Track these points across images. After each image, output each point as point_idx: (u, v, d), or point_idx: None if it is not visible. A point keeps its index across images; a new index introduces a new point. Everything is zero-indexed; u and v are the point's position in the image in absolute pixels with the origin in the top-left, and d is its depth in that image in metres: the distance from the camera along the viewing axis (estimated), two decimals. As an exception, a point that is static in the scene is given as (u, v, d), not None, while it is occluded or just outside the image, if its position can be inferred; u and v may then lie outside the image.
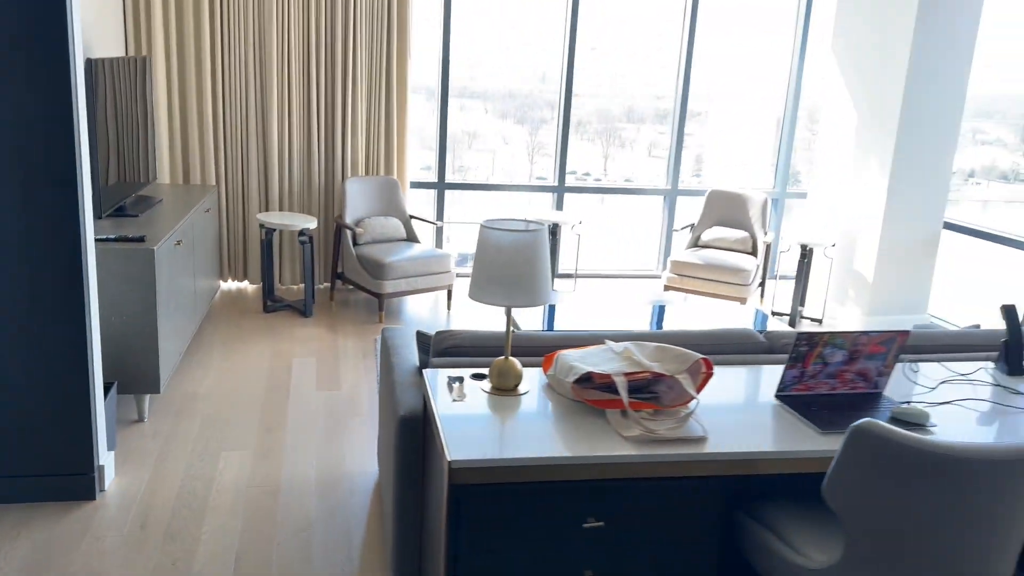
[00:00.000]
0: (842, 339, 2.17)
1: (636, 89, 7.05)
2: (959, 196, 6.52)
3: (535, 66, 6.68)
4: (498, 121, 6.96)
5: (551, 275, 6.13)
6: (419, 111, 6.29)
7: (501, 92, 6.92)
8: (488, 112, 6.91)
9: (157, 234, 3.70)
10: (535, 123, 6.76)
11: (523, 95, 6.87)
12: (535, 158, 6.79)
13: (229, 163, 5.56)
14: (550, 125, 6.58)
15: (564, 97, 6.31)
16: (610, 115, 7.03)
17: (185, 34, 5.24)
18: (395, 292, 5.22)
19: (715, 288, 5.59)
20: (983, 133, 6.50)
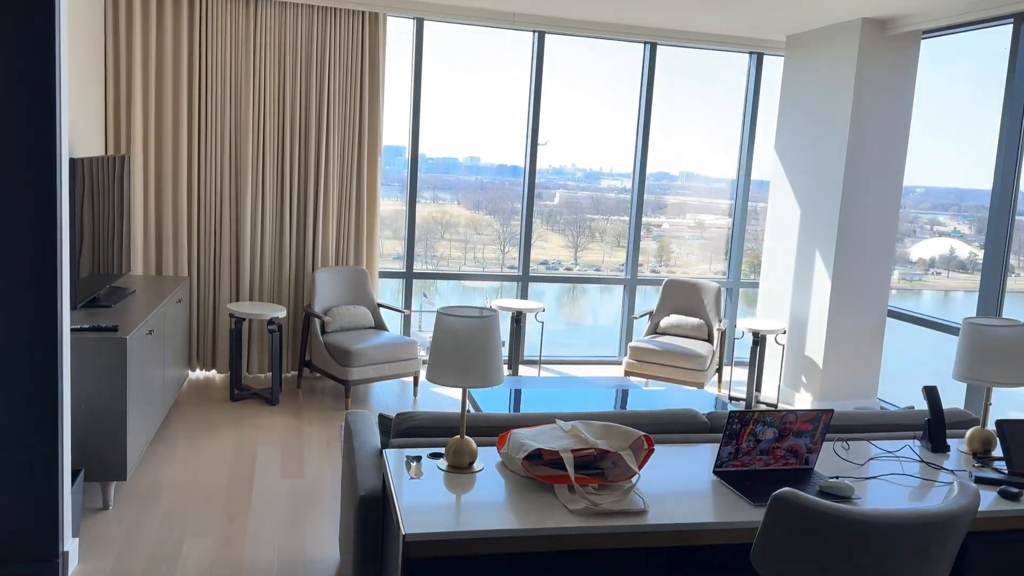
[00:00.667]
0: (771, 417, 2.35)
1: (604, 182, 7.42)
2: (922, 285, 6.85)
3: (505, 158, 7.01)
4: (470, 212, 7.23)
5: (517, 360, 6.31)
6: (391, 203, 6.57)
7: (473, 184, 7.22)
8: (460, 203, 7.19)
9: (129, 324, 3.82)
10: (507, 214, 7.02)
11: (494, 187, 7.18)
12: (506, 248, 7.03)
13: (202, 254, 5.73)
14: (520, 217, 6.87)
15: (527, 189, 6.63)
16: (579, 206, 7.35)
17: (163, 132, 5.49)
18: (362, 379, 5.34)
19: (673, 373, 5.79)
20: (940, 225, 6.86)
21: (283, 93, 5.70)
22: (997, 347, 2.65)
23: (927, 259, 6.88)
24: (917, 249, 6.72)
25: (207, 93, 5.56)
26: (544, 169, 6.80)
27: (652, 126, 6.76)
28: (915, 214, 6.69)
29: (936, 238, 6.78)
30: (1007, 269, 4.98)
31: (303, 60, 5.70)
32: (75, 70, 4.65)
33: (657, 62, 6.67)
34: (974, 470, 2.60)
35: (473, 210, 7.24)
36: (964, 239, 6.79)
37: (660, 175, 7.23)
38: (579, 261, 7.31)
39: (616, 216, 7.37)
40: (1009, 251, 4.95)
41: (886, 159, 5.66)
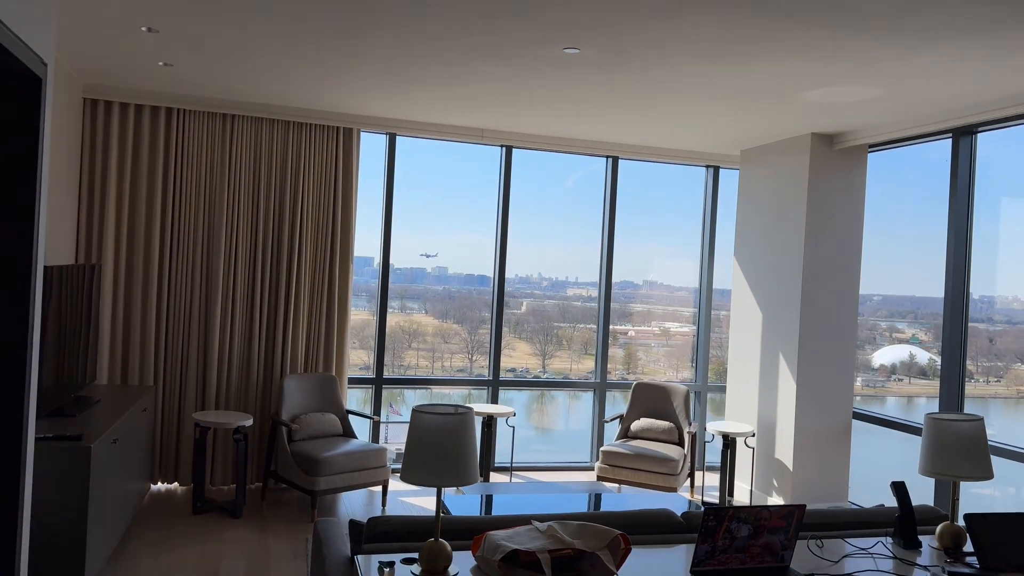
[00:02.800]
0: (746, 513, 2.36)
1: (570, 291, 7.57)
2: (885, 391, 6.98)
3: (472, 267, 7.15)
4: (438, 321, 7.29)
5: (488, 466, 6.24)
6: (358, 313, 6.61)
7: (440, 294, 7.31)
8: (428, 312, 7.25)
9: (94, 433, 3.75)
10: (474, 323, 7.08)
11: (462, 296, 7.27)
12: (475, 356, 7.06)
13: (169, 363, 5.68)
14: (489, 325, 6.95)
15: (497, 296, 6.73)
16: (546, 315, 7.45)
17: (136, 242, 5.54)
18: (329, 488, 5.22)
19: (645, 478, 5.75)
20: (899, 332, 7.05)
21: (256, 204, 5.83)
22: (959, 441, 2.72)
23: (888, 365, 7.04)
24: (878, 356, 6.88)
25: (181, 203, 5.66)
26: (511, 278, 6.92)
27: (616, 236, 6.98)
28: (874, 321, 6.88)
29: (896, 345, 6.96)
30: (964, 374, 5.12)
31: (277, 172, 5.86)
32: (51, 180, 4.73)
33: (620, 175, 6.95)
34: (947, 566, 2.62)
35: (441, 319, 7.29)
36: (923, 345, 6.99)
37: (625, 283, 7.40)
38: (547, 369, 7.36)
39: (583, 324, 7.48)
40: (965, 357, 5.12)
41: (841, 265, 5.89)
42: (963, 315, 5.08)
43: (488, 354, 6.80)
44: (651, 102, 5.11)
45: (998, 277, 5.40)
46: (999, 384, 6.38)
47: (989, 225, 5.20)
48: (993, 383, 8.70)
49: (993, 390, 8.67)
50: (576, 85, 4.76)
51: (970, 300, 5.13)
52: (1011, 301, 5.72)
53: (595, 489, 5.09)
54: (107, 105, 5.49)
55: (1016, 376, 6.22)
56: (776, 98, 4.83)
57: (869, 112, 5.07)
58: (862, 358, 6.80)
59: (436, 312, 6.70)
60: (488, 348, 6.80)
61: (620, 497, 4.90)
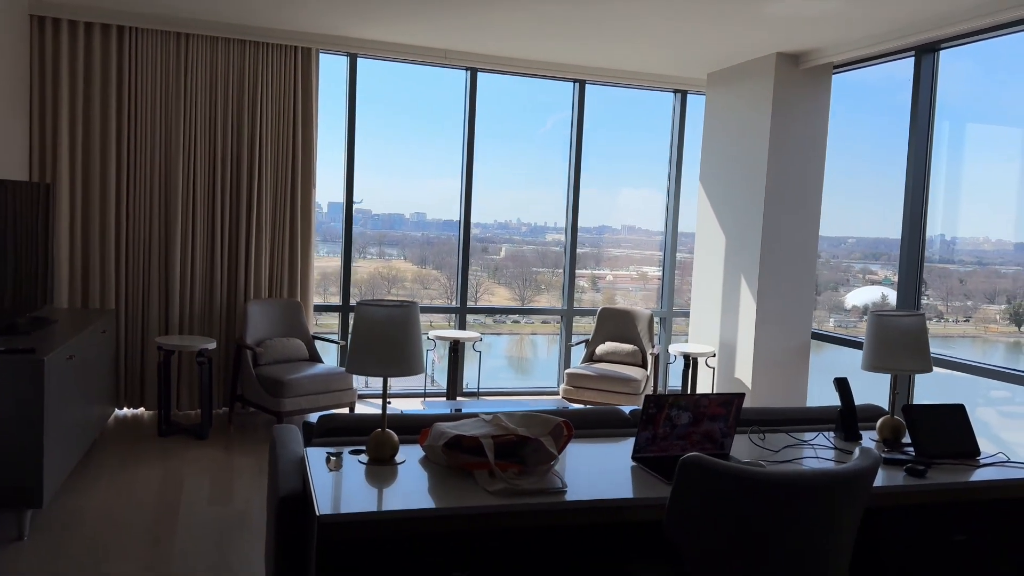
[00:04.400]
0: (685, 401, 2.42)
1: (549, 236, 7.55)
2: (857, 332, 7.11)
3: (451, 213, 7.11)
4: (417, 267, 7.25)
5: (456, 390, 6.30)
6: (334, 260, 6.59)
7: (419, 240, 7.28)
8: (407, 258, 7.22)
9: (48, 347, 3.73)
10: (454, 269, 7.07)
11: (440, 242, 7.24)
12: (453, 301, 7.04)
13: (130, 287, 5.62)
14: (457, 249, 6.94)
15: (463, 226, 6.70)
16: (525, 260, 7.43)
17: (91, 162, 5.43)
18: (295, 410, 5.26)
19: (608, 398, 5.85)
20: (872, 274, 7.14)
21: (214, 125, 5.71)
22: (901, 336, 2.79)
23: (860, 306, 7.15)
24: (851, 297, 6.97)
25: (137, 124, 5.54)
26: (489, 223, 6.88)
27: (593, 180, 6.93)
28: (848, 263, 6.96)
29: (868, 286, 7.05)
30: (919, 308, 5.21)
31: (234, 94, 5.73)
32: (-2, 97, 4.60)
33: (587, 107, 6.88)
34: (884, 454, 2.71)
35: (419, 265, 7.28)
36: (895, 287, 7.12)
37: (602, 228, 7.40)
38: (521, 316, 7.40)
39: (561, 269, 7.52)
40: (920, 286, 5.20)
41: (804, 187, 5.92)
42: (920, 248, 5.15)
43: (455, 284, 6.81)
44: (615, 20, 5.03)
45: (960, 215, 5.45)
46: (967, 324, 6.53)
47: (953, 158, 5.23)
48: (962, 323, 8.88)
49: (961, 329, 8.86)
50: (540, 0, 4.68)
51: (926, 236, 5.18)
52: (982, 242, 5.80)
53: (559, 406, 5.16)
54: (55, 23, 5.30)
55: (984, 316, 6.34)
56: (740, 10, 4.77)
57: (833, 27, 5.03)
58: (835, 300, 6.90)
59: (415, 258, 6.68)
60: (455, 281, 6.80)
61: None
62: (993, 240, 5.82)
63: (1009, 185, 5.14)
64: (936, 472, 2.53)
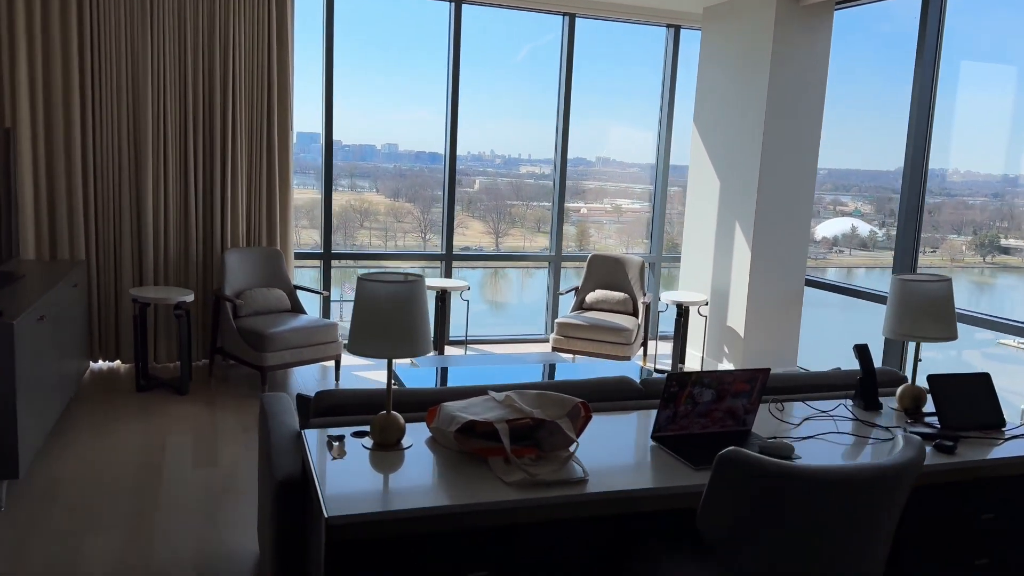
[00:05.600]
0: (709, 379, 2.28)
1: (523, 168, 7.32)
2: (826, 263, 7.03)
3: (424, 144, 6.83)
4: (389, 200, 7.04)
5: (443, 340, 6.16)
6: (307, 192, 6.31)
7: (391, 172, 7.02)
8: (379, 191, 6.99)
9: (17, 309, 3.49)
10: (427, 201, 6.87)
11: (413, 174, 7.00)
12: (428, 235, 6.84)
13: (100, 236, 5.34)
14: (440, 204, 6.75)
15: (448, 169, 6.45)
16: (499, 193, 7.22)
17: (53, 104, 5.07)
18: (279, 364, 5.09)
19: (599, 348, 5.74)
20: (843, 205, 7.04)
21: (183, 60, 5.35)
22: (928, 303, 2.66)
23: (830, 238, 7.07)
24: (821, 228, 6.88)
25: (100, 56, 5.17)
26: (463, 155, 6.68)
27: (572, 110, 6.67)
28: (819, 195, 6.83)
29: (839, 218, 6.96)
30: (918, 246, 5.09)
31: (205, 26, 5.36)
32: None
33: (577, 40, 6.57)
34: (908, 426, 2.61)
35: (392, 198, 7.09)
36: (865, 218, 7.02)
37: (578, 160, 7.18)
38: (500, 247, 7.24)
39: (536, 202, 7.34)
40: (920, 228, 5.08)
41: (802, 130, 5.73)
42: (921, 186, 5.00)
43: (441, 231, 6.59)
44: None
45: (952, 149, 5.31)
46: (934, 255, 6.51)
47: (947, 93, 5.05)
48: (928, 253, 8.92)
49: (928, 260, 8.90)
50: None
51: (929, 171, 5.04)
52: (951, 174, 5.69)
53: (550, 359, 5.04)
54: (5, -52, 4.87)
55: (950, 247, 6.30)
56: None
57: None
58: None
59: (387, 191, 6.49)
60: (441, 226, 6.58)
61: (575, 366, 4.87)
62: (963, 172, 5.73)
63: (1000, 119, 5.03)
64: (965, 447, 2.44)
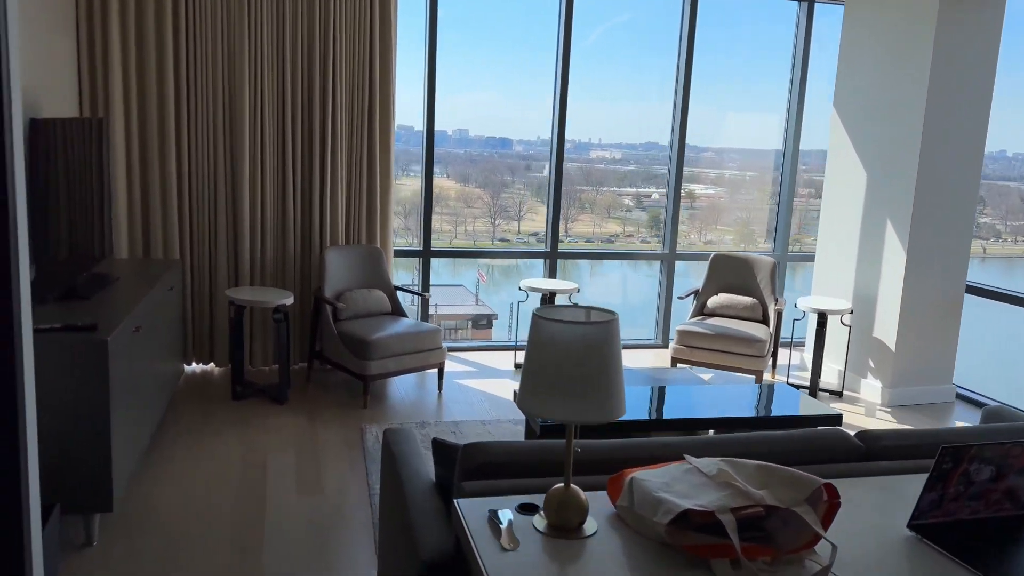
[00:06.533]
0: (991, 452, 1.72)
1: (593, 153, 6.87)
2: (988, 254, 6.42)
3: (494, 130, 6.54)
4: (459, 185, 6.80)
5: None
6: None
7: (462, 157, 6.75)
8: (449, 176, 6.74)
9: (112, 320, 3.16)
10: (497, 187, 6.59)
11: (483, 160, 6.78)
12: (497, 221, 6.64)
13: (195, 234, 5.05)
14: (511, 189, 6.37)
15: (555, 157, 5.96)
16: (568, 178, 6.93)
17: (147, 94, 4.78)
18: (382, 373, 4.70)
19: (726, 360, 5.17)
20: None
21: (282, 49, 4.99)
22: None
23: None
24: None
25: (196, 48, 4.84)
26: (533, 140, 6.44)
27: (670, 91, 6.08)
28: None
29: None
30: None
31: (304, 11, 4.98)
32: (35, 17, 3.94)
33: (699, 12, 5.97)
34: None
35: (462, 183, 6.88)
36: None
37: (649, 145, 6.70)
38: (569, 232, 6.98)
39: (605, 187, 7.09)
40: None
41: (969, 116, 5.00)
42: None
43: (547, 219, 6.11)
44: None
45: None
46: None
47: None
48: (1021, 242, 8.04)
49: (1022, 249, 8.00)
50: None
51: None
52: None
53: (686, 378, 4.47)
54: (100, -74, 4.57)
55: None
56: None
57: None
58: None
59: (457, 176, 6.25)
60: (546, 220, 6.10)
61: (713, 388, 4.30)
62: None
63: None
64: None
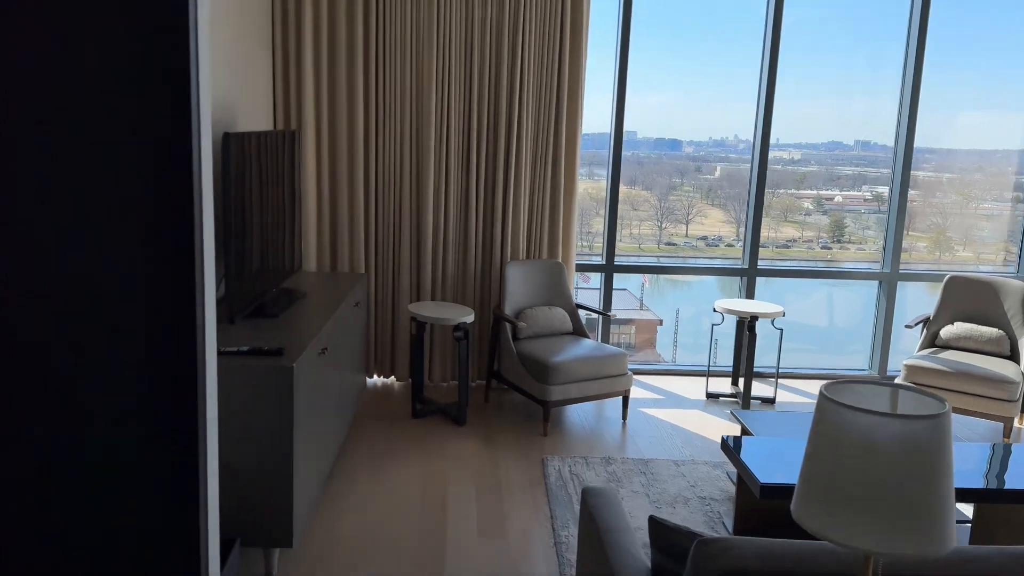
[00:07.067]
0: None
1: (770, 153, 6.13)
2: None
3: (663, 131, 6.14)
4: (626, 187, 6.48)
5: (750, 375, 5.11)
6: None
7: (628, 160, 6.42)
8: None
9: (298, 342, 3.03)
10: (664, 189, 6.48)
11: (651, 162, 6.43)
12: (664, 224, 6.51)
13: (380, 248, 4.96)
14: (679, 191, 6.26)
15: (759, 158, 5.39)
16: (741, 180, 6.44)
17: (337, 107, 4.73)
18: (563, 399, 4.38)
19: (968, 403, 4.40)
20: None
21: (470, 65, 4.78)
22: None
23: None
24: None
25: (385, 61, 4.73)
26: (704, 141, 6.15)
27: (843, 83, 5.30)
28: None
29: None
30: None
31: (493, 28, 4.74)
32: (236, 31, 3.93)
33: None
34: None
35: (629, 185, 6.62)
36: None
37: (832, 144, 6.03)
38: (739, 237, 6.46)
39: (782, 189, 6.53)
40: None
41: None
42: None
43: (745, 230, 5.55)
44: None
45: None
46: None
47: None
48: None
49: None
50: None
51: None
52: None
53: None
54: (297, -62, 4.57)
55: None
56: None
57: None
58: None
59: (624, 178, 5.96)
60: (746, 221, 5.56)
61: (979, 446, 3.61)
62: None
63: None
64: None
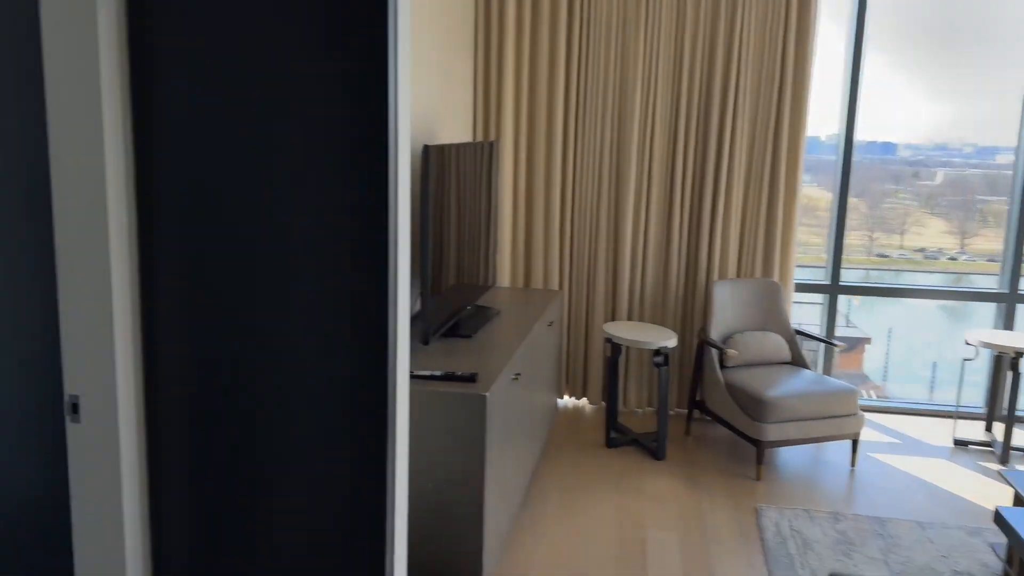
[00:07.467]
0: None
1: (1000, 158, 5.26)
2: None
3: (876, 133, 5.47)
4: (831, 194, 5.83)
5: (1012, 421, 4.32)
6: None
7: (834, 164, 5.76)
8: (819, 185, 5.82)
9: (492, 366, 2.81)
10: (875, 196, 6.04)
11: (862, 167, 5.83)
12: (875, 233, 6.07)
13: (575, 264, 4.69)
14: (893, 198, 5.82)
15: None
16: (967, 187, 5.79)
17: (536, 118, 4.52)
18: (779, 440, 3.88)
19: None
20: None
21: (679, 64, 4.41)
22: None
23: None
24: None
25: (587, 70, 4.47)
26: (924, 145, 5.60)
27: None
28: None
29: None
30: None
31: (707, 26, 4.35)
32: (440, 41, 3.82)
33: None
34: None
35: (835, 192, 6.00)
36: None
37: None
38: (965, 250, 5.99)
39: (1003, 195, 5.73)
40: None
41: None
42: None
43: (1004, 250, 4.74)
44: None
45: None
46: None
47: None
48: None
49: None
50: None
51: None
52: None
53: None
54: (501, -57, 4.42)
55: None
56: None
57: None
58: None
59: (830, 184, 5.35)
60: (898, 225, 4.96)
61: None
62: None
63: None
64: None
